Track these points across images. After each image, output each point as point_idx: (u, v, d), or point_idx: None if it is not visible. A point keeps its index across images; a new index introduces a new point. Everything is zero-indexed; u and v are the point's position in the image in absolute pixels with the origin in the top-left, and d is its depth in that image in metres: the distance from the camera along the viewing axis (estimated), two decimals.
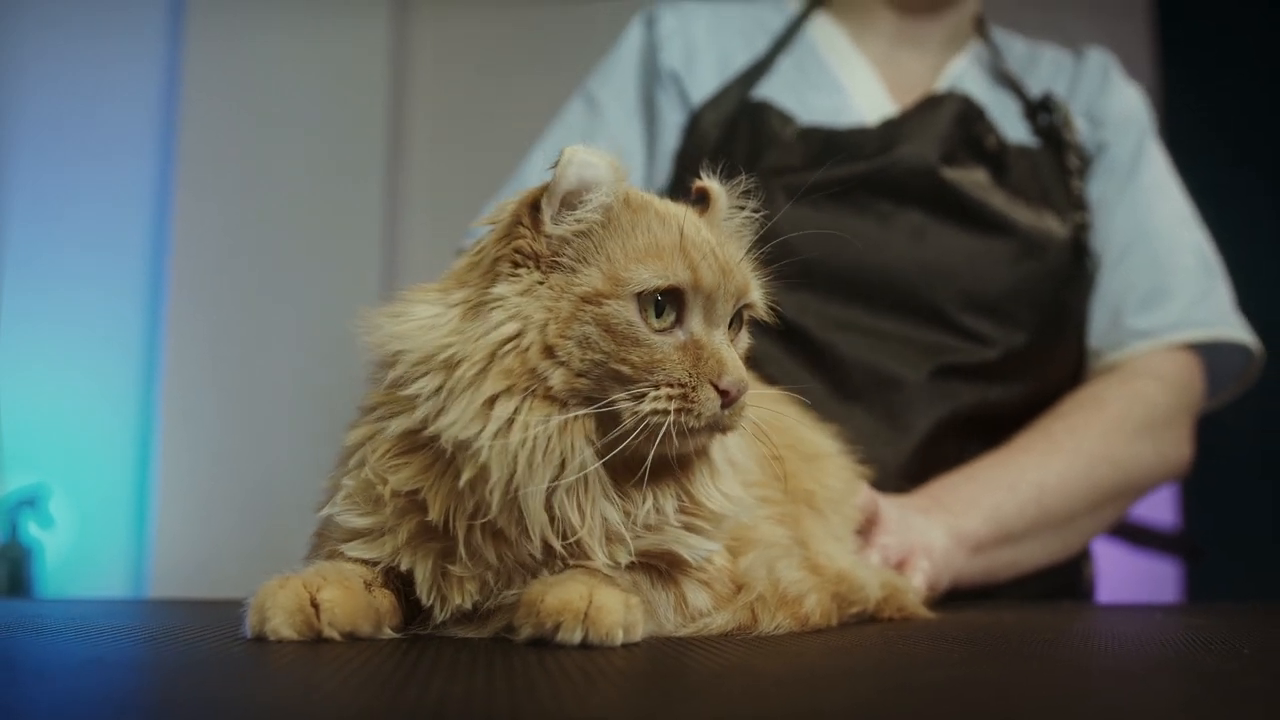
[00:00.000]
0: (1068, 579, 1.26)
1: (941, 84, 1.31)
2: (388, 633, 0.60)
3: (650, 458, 0.60)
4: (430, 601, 0.61)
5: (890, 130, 1.22)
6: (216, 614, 0.76)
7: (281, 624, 0.56)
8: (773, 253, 0.69)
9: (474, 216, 1.39)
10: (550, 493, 0.59)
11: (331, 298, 2.90)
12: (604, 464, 0.60)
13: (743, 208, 0.70)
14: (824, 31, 1.35)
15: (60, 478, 2.67)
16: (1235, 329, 1.23)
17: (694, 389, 0.60)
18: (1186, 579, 2.72)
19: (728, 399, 0.60)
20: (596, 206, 0.61)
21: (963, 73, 1.33)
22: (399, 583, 0.62)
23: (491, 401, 0.58)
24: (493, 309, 0.60)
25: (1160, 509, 2.53)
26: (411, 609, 0.62)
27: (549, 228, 0.61)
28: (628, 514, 0.61)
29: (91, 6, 2.84)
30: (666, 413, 0.59)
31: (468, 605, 0.61)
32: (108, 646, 0.57)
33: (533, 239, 0.61)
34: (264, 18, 2.92)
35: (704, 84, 1.30)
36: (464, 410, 0.58)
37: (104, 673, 0.49)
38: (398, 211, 3.06)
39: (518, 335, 0.59)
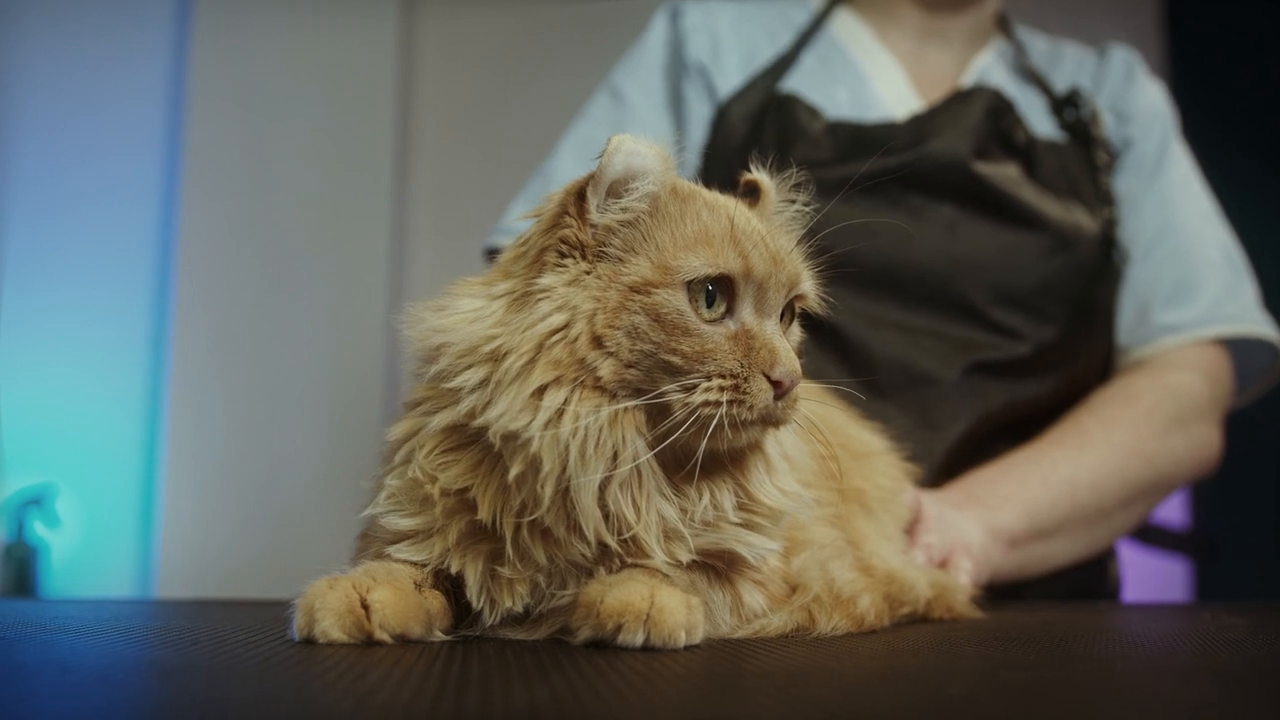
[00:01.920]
0: (1095, 577, 1.26)
1: (966, 80, 1.30)
2: (438, 635, 0.58)
3: (700, 451, 0.58)
4: (480, 604, 0.59)
5: (921, 124, 1.21)
6: (253, 615, 0.74)
7: (331, 626, 0.54)
8: (805, 247, 0.68)
9: (481, 213, 1.39)
10: (603, 487, 0.57)
11: (339, 296, 2.89)
12: (656, 459, 0.58)
13: (793, 201, 0.69)
14: (847, 26, 1.34)
15: (66, 477, 2.65)
16: (1262, 325, 1.23)
17: (746, 380, 0.58)
18: (1197, 578, 2.71)
19: (780, 390, 0.59)
20: (644, 195, 0.60)
21: (987, 69, 1.32)
22: (448, 583, 0.60)
23: (540, 392, 0.57)
24: (540, 300, 0.58)
25: (1171, 508, 2.52)
26: (462, 610, 0.60)
27: (595, 217, 0.60)
28: (684, 510, 0.59)
29: (97, 4, 2.82)
30: (718, 404, 0.57)
31: (518, 608, 0.59)
32: (160, 649, 0.55)
33: (579, 229, 0.60)
34: (270, 16, 2.91)
35: (730, 77, 1.28)
36: (513, 401, 0.56)
37: (161, 676, 0.47)
38: (405, 209, 3.05)
39: (566, 325, 0.58)
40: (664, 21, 1.35)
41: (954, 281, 1.16)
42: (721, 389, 0.58)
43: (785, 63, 1.29)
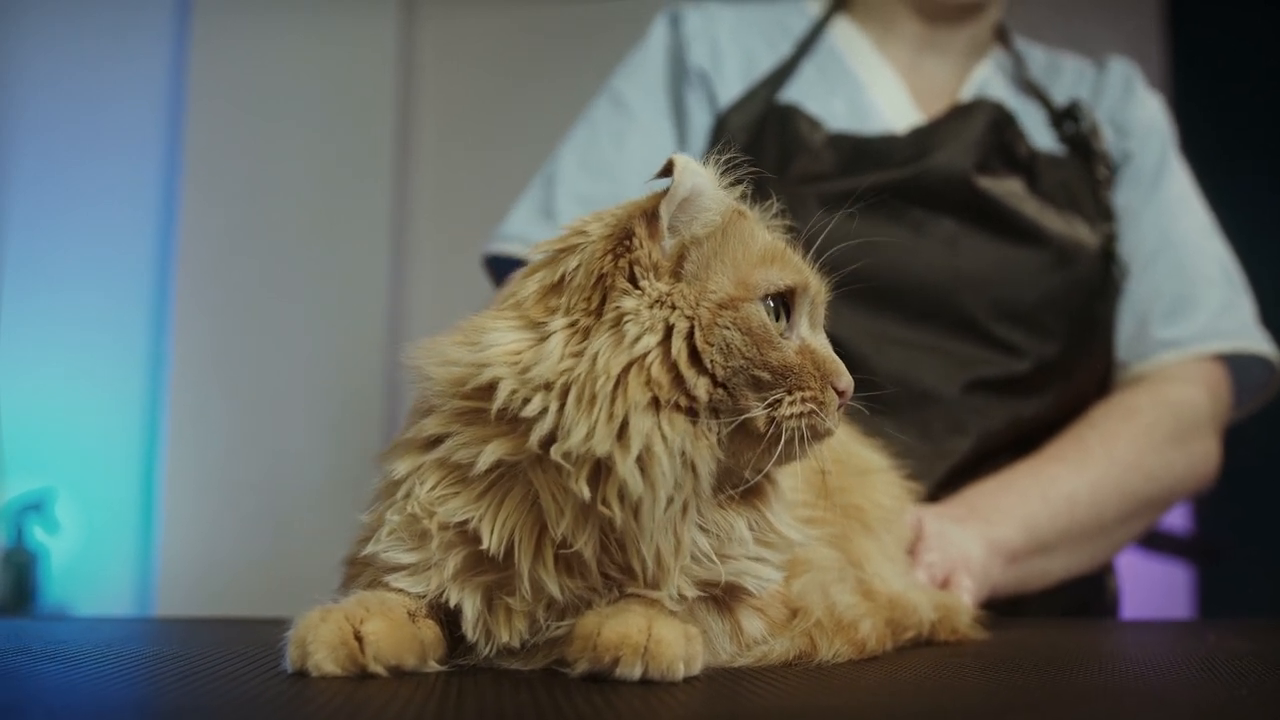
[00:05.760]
0: (1093, 592, 1.25)
1: (966, 92, 1.30)
2: (433, 665, 0.57)
3: (752, 467, 0.58)
4: (476, 637, 0.58)
5: (922, 138, 1.20)
6: (250, 636, 0.73)
7: (324, 659, 0.53)
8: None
9: (481, 216, 1.38)
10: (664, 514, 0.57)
11: (338, 299, 2.88)
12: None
13: (776, 229, 0.68)
14: (847, 36, 1.33)
15: (66, 482, 2.64)
16: (1259, 341, 1.23)
17: (821, 390, 0.59)
18: (1200, 587, 2.71)
19: (842, 400, 0.61)
20: (714, 209, 0.60)
21: (986, 80, 1.32)
22: (442, 613, 0.59)
23: (629, 416, 0.56)
24: (626, 322, 0.57)
25: (1175, 515, 2.51)
26: (456, 640, 0.60)
27: (668, 238, 0.60)
28: (719, 539, 0.59)
29: (97, 5, 2.82)
30: (802, 416, 0.58)
31: (515, 643, 0.58)
32: (151, 684, 0.54)
33: (652, 249, 0.59)
34: (270, 16, 2.90)
35: (731, 85, 1.27)
36: (600, 425, 0.55)
37: (147, 715, 0.46)
38: (405, 210, 3.04)
39: (661, 344, 0.57)
40: (664, 26, 1.34)
41: (955, 296, 1.16)
42: (803, 400, 0.58)
43: (784, 72, 1.28)
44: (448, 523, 0.58)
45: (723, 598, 0.61)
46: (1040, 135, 1.27)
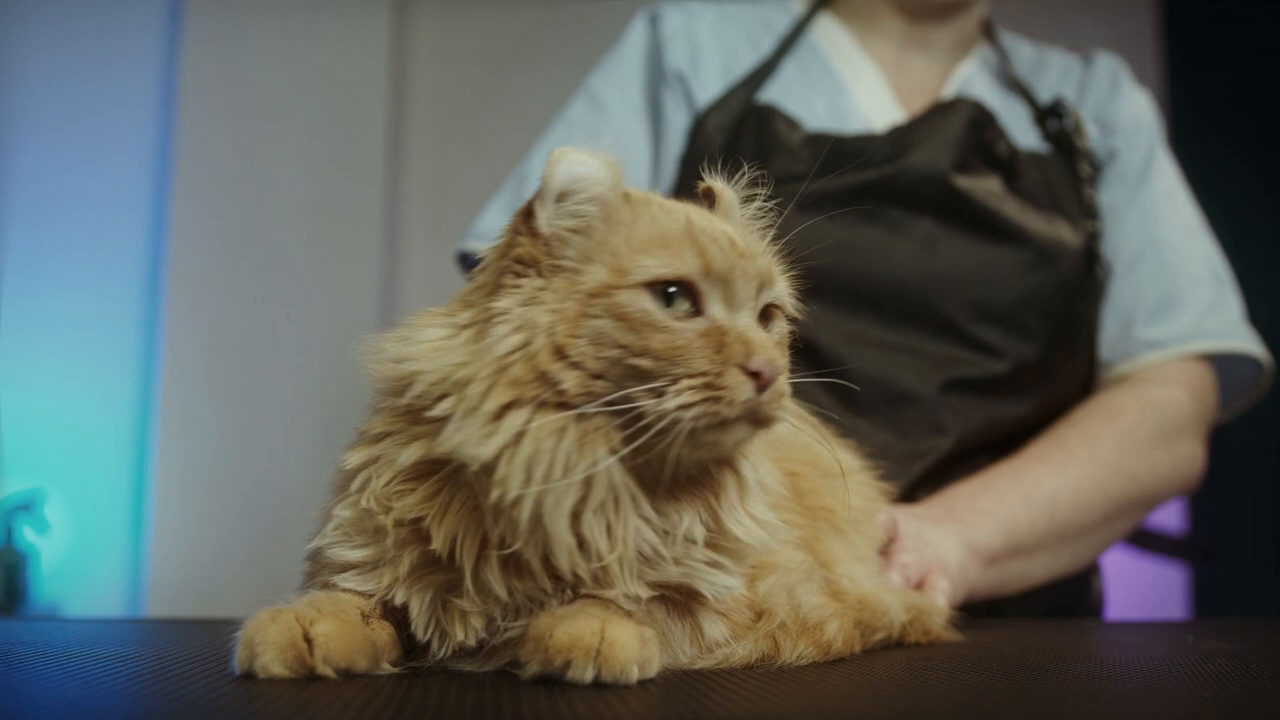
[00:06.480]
0: (1076, 594, 1.24)
1: (949, 89, 1.29)
2: (386, 668, 0.56)
3: (670, 460, 0.55)
4: (428, 637, 0.57)
5: (900, 137, 1.19)
6: (212, 637, 0.73)
7: (272, 661, 0.52)
8: (781, 259, 0.66)
9: (473, 215, 1.38)
10: (578, 512, 0.55)
11: (332, 300, 2.87)
12: (636, 479, 0.56)
13: (753, 198, 0.67)
14: (829, 34, 1.32)
15: (56, 482, 2.63)
16: (1246, 341, 1.22)
17: (719, 375, 0.55)
18: (1193, 588, 2.69)
19: (761, 381, 0.55)
20: (592, 199, 0.58)
21: (971, 78, 1.31)
22: (398, 613, 0.58)
23: (500, 415, 0.54)
24: (497, 323, 0.56)
25: (1168, 515, 2.50)
26: (411, 641, 0.59)
27: (544, 230, 0.58)
28: (666, 533, 0.57)
29: (89, 6, 2.81)
30: (691, 405, 0.54)
31: (471, 642, 0.57)
32: (89, 684, 0.53)
33: (530, 245, 0.58)
34: (262, 17, 2.89)
35: (709, 86, 1.27)
36: (476, 428, 0.54)
37: (81, 715, 0.45)
38: (398, 211, 3.03)
39: (525, 344, 0.55)
40: (643, 26, 1.33)
41: (933, 297, 1.15)
42: (692, 389, 0.54)
43: (764, 71, 1.27)
44: (403, 519, 0.57)
45: (682, 600, 0.60)
46: (1024, 133, 1.26)
